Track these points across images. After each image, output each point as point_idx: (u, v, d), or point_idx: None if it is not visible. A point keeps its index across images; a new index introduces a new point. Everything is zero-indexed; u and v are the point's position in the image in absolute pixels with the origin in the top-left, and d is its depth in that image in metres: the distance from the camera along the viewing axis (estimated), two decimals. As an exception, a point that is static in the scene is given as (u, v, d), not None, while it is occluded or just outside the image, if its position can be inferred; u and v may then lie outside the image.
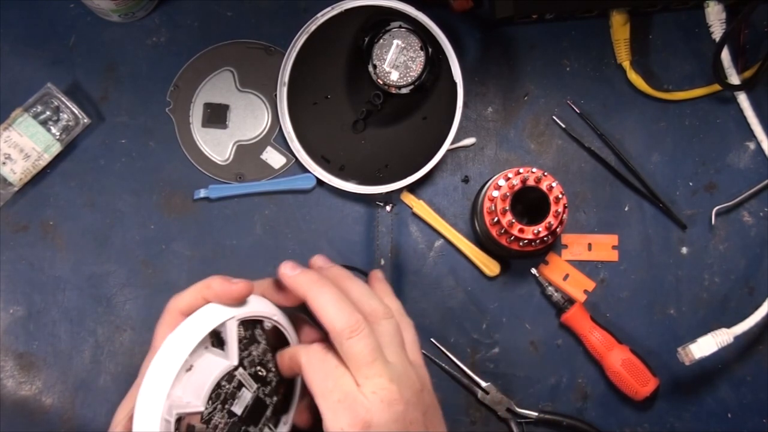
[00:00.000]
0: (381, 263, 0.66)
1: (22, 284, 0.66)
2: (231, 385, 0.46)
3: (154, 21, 0.68)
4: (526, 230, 0.59)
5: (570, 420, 0.64)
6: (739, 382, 0.66)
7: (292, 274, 0.48)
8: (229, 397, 0.46)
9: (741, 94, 0.67)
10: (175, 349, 0.45)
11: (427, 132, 0.66)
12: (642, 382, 0.63)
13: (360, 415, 0.43)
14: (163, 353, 0.45)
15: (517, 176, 0.59)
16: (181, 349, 0.44)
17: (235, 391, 0.47)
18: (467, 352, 0.66)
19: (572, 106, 0.68)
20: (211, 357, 0.46)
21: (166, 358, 0.44)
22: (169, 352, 0.45)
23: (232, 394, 0.46)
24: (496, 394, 0.65)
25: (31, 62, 0.67)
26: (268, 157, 0.68)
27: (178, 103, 0.68)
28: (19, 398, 0.65)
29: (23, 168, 0.65)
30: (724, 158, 0.67)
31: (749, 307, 0.64)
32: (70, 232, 0.67)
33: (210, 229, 0.67)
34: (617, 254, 0.66)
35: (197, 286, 0.48)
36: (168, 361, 0.44)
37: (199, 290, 0.48)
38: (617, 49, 0.67)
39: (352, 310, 0.46)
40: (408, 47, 0.63)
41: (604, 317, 0.66)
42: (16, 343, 0.66)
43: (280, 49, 0.67)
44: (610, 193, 0.67)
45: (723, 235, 0.67)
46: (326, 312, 0.46)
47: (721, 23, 0.66)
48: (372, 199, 0.67)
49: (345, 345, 0.45)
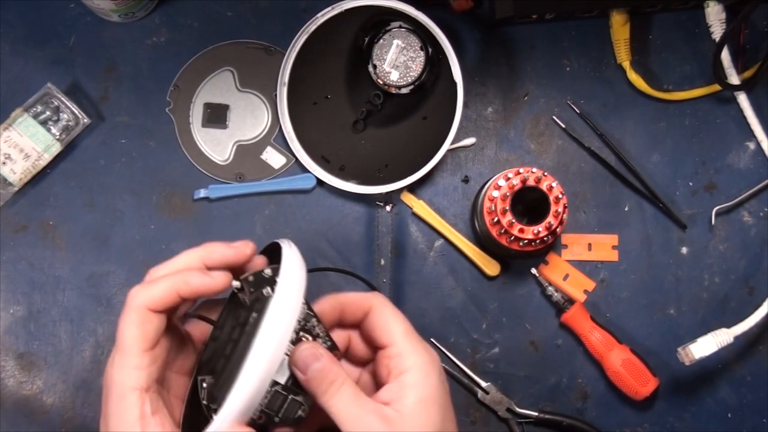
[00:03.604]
0: (381, 263, 0.66)
1: (22, 284, 0.66)
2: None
3: (154, 21, 0.68)
4: (526, 230, 0.59)
5: (570, 420, 0.64)
6: (739, 382, 0.66)
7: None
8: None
9: (741, 94, 0.67)
10: (280, 335, 0.42)
11: (427, 132, 0.66)
12: (642, 382, 0.63)
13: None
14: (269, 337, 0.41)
15: (517, 176, 0.59)
16: (284, 340, 0.42)
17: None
18: (467, 352, 0.66)
19: (572, 106, 0.68)
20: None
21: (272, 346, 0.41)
22: (275, 338, 0.42)
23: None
24: (496, 394, 0.65)
25: (31, 62, 0.67)
26: (268, 157, 0.68)
27: (178, 103, 0.68)
28: (19, 398, 0.65)
29: (23, 168, 0.65)
30: (724, 158, 0.67)
31: (749, 307, 0.64)
32: (70, 232, 0.67)
33: (210, 229, 0.67)
34: (617, 254, 0.66)
35: (169, 282, 0.43)
36: (273, 353, 0.41)
37: (173, 286, 0.43)
38: (617, 49, 0.67)
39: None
40: (408, 47, 0.63)
41: (604, 317, 0.66)
42: (17, 343, 0.66)
43: (280, 49, 0.67)
44: (610, 193, 0.67)
45: (723, 235, 0.67)
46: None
47: (721, 23, 0.66)
48: (372, 199, 0.67)
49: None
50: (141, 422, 0.42)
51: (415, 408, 0.43)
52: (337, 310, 0.48)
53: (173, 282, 0.43)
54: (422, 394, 0.43)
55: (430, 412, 0.43)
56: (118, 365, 0.43)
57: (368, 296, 0.48)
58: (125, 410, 0.43)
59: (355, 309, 0.48)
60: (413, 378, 0.44)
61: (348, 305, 0.48)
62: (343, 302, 0.48)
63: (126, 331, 0.43)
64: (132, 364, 0.43)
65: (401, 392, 0.44)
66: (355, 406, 0.43)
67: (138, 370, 0.43)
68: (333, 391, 0.43)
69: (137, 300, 0.43)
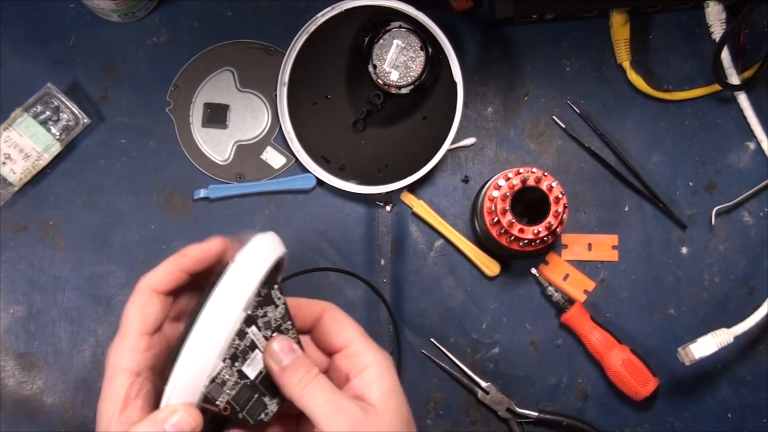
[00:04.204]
0: (381, 263, 0.66)
1: (22, 284, 0.66)
2: (242, 342, 0.44)
3: (154, 21, 0.68)
4: (526, 230, 0.59)
5: (570, 420, 0.64)
6: (739, 382, 0.66)
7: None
8: (239, 354, 0.44)
9: (741, 94, 0.67)
10: (226, 310, 0.42)
11: (427, 132, 0.66)
12: (642, 382, 0.63)
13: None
14: (212, 313, 0.42)
15: (517, 176, 0.59)
16: (233, 311, 0.42)
17: (247, 350, 0.44)
18: (467, 352, 0.66)
19: (572, 106, 0.68)
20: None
21: (216, 320, 0.42)
22: (221, 313, 0.42)
23: (243, 352, 0.44)
24: (496, 394, 0.65)
25: (31, 62, 0.67)
26: (268, 157, 0.68)
27: (178, 103, 0.68)
28: (19, 398, 0.65)
29: (23, 168, 0.65)
30: (724, 158, 0.67)
31: (749, 307, 0.64)
32: (70, 232, 0.67)
33: (210, 229, 0.67)
34: (617, 254, 0.66)
35: (171, 259, 0.45)
36: (218, 328, 0.41)
37: (175, 262, 0.45)
38: (617, 49, 0.67)
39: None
40: (408, 47, 0.63)
41: (604, 317, 0.66)
42: (17, 343, 0.66)
43: (280, 49, 0.67)
44: (610, 193, 0.67)
45: (723, 235, 0.67)
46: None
47: (721, 23, 0.66)
48: (372, 199, 0.67)
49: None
50: (123, 403, 0.43)
51: (383, 399, 0.44)
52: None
53: (173, 259, 0.45)
54: (386, 387, 0.45)
55: (398, 402, 0.45)
56: (115, 345, 0.44)
57: (318, 302, 0.49)
58: (111, 390, 0.44)
59: (305, 313, 0.49)
60: (374, 373, 0.45)
61: (298, 309, 0.49)
62: (293, 307, 0.48)
63: (128, 313, 0.45)
64: (128, 346, 0.44)
65: (365, 387, 0.45)
66: (330, 393, 0.44)
67: (132, 353, 0.44)
68: (307, 380, 0.44)
69: (142, 283, 0.45)
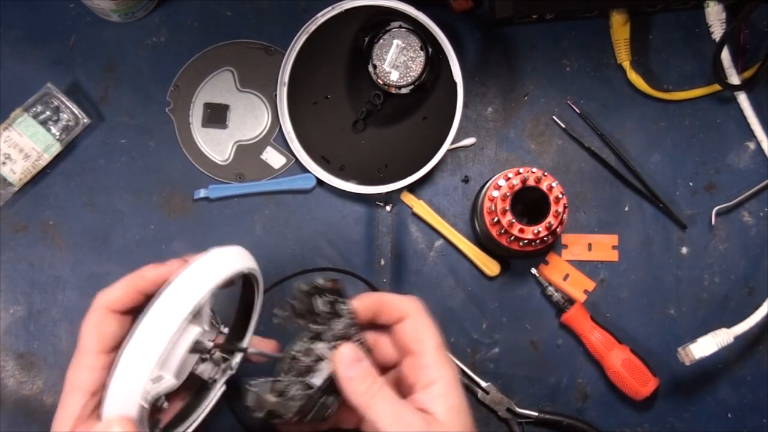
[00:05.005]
0: (381, 263, 0.66)
1: (22, 284, 0.66)
2: (309, 359, 0.47)
3: (154, 21, 0.68)
4: (526, 230, 0.59)
5: (570, 420, 0.64)
6: (739, 382, 0.66)
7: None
8: (305, 371, 0.47)
9: (741, 94, 0.67)
10: (161, 324, 0.43)
11: (427, 132, 0.66)
12: (642, 382, 0.63)
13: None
14: (149, 325, 0.43)
15: (517, 176, 0.59)
16: (167, 325, 0.43)
17: (312, 364, 0.47)
18: (467, 352, 0.66)
19: (572, 106, 0.68)
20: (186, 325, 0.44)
21: (150, 333, 0.42)
22: (155, 325, 0.43)
23: (308, 368, 0.47)
24: (496, 394, 0.65)
25: (31, 62, 0.67)
26: (268, 157, 0.68)
27: (178, 103, 0.68)
28: (20, 398, 0.65)
29: (23, 168, 0.65)
30: (724, 158, 0.67)
31: (749, 307, 0.64)
32: (70, 232, 0.67)
33: (210, 229, 0.67)
34: (617, 254, 0.66)
35: (128, 279, 0.46)
36: (153, 339, 0.42)
37: (131, 282, 0.46)
38: (617, 49, 0.67)
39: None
40: (408, 47, 0.63)
41: (604, 317, 0.66)
42: (17, 343, 0.66)
43: (280, 49, 0.67)
44: (610, 193, 0.67)
45: (723, 235, 0.67)
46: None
47: (721, 23, 0.66)
48: (372, 199, 0.67)
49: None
50: (75, 422, 0.43)
51: (448, 415, 0.45)
52: (372, 310, 0.49)
53: (130, 279, 0.46)
54: (452, 404, 0.45)
55: (462, 418, 0.45)
56: (73, 363, 0.45)
57: (406, 302, 0.49)
58: (65, 408, 0.44)
59: (391, 311, 0.49)
60: (441, 389, 0.45)
61: (385, 306, 0.49)
62: (381, 303, 0.49)
63: (85, 331, 0.45)
64: (85, 364, 0.44)
65: (431, 402, 0.45)
66: (396, 405, 0.44)
67: (89, 371, 0.44)
68: (373, 391, 0.44)
69: (98, 301, 0.45)
